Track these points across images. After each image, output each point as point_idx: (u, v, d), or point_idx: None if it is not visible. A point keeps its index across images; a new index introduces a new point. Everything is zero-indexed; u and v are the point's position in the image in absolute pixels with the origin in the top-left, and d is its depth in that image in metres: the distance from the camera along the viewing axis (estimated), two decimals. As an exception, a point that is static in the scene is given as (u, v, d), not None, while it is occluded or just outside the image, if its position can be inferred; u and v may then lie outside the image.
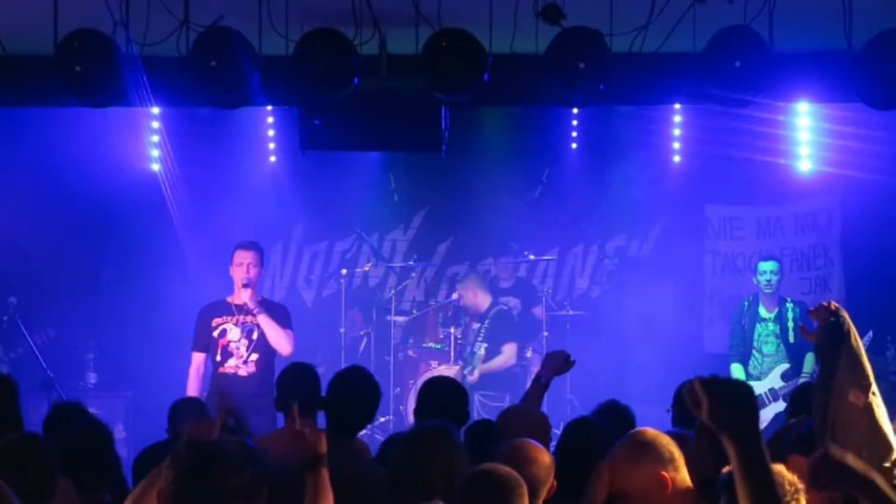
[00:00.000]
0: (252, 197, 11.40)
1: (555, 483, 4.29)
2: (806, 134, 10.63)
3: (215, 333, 8.20)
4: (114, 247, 11.05)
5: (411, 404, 8.72)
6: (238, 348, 8.17)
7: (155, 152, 10.81)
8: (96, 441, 4.81)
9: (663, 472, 3.88)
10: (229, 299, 8.29)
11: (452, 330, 10.87)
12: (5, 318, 9.60)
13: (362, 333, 11.41)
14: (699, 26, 6.86)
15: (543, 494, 4.19)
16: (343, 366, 10.62)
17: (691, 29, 6.88)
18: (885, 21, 6.92)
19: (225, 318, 8.23)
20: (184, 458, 3.38)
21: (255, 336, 8.17)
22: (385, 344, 11.17)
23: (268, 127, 11.36)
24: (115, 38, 6.92)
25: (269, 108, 10.73)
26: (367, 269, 11.94)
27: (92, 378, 10.45)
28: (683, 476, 3.95)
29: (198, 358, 8.23)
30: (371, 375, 5.42)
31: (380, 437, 9.65)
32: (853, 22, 6.82)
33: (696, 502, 3.96)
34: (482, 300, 10.88)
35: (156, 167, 10.78)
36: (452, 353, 10.79)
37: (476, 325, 10.82)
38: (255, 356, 8.15)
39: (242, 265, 8.24)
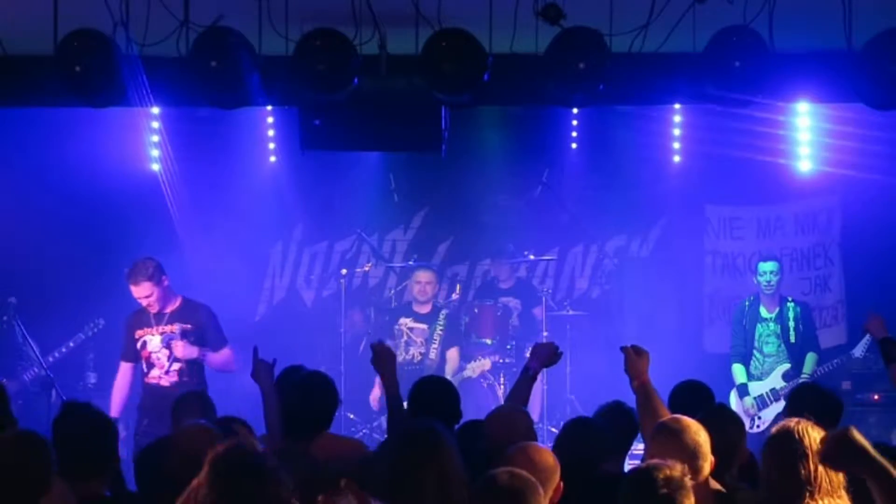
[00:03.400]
0: (252, 197, 11.41)
1: (561, 485, 4.27)
2: (806, 134, 10.63)
3: (138, 345, 8.14)
4: (113, 247, 11.03)
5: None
6: (159, 358, 8.10)
7: (155, 152, 10.81)
8: (94, 432, 4.80)
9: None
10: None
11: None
12: (5, 318, 9.60)
13: (362, 333, 11.41)
14: (699, 26, 6.86)
15: (549, 495, 4.18)
16: (342, 366, 10.72)
17: (691, 29, 6.87)
18: (885, 21, 6.92)
19: (145, 328, 8.13)
20: (224, 470, 3.37)
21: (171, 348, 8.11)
22: (385, 344, 11.15)
23: (268, 127, 11.36)
24: (115, 38, 6.92)
25: (269, 108, 10.74)
26: (367, 269, 11.94)
27: (92, 378, 10.44)
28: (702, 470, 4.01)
29: (123, 367, 8.24)
30: (329, 381, 5.41)
31: (378, 437, 9.66)
32: (853, 22, 6.81)
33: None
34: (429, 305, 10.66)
35: (156, 167, 10.79)
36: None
37: (423, 326, 10.62)
38: (177, 365, 8.10)
39: (141, 299, 8.09)
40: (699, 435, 4.19)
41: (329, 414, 5.44)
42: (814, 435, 3.90)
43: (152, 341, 8.08)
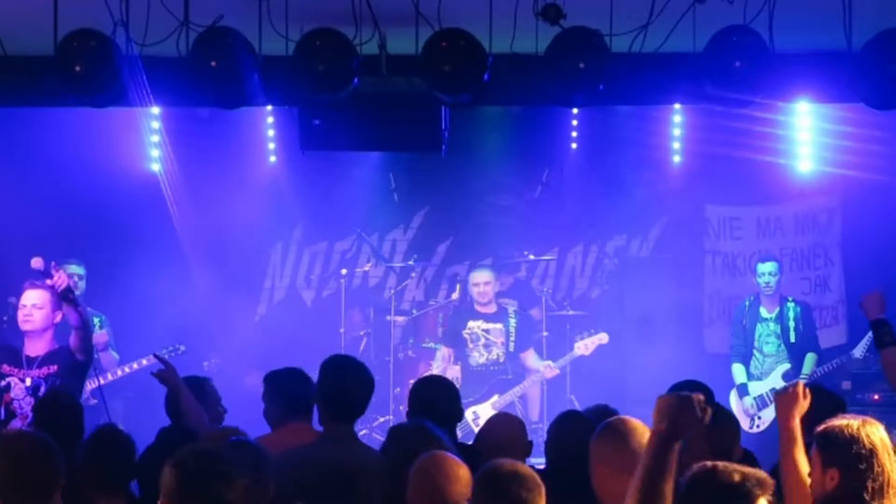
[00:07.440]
0: (252, 197, 11.41)
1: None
2: (806, 134, 10.63)
3: (1, 383, 6.97)
4: (113, 247, 11.04)
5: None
6: (21, 407, 6.84)
7: (155, 152, 10.82)
8: (125, 451, 4.91)
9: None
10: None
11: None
12: (5, 318, 9.59)
13: (362, 333, 11.42)
14: (699, 26, 6.86)
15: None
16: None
17: (691, 29, 6.87)
18: (885, 21, 6.92)
19: (13, 368, 6.98)
20: (187, 466, 3.39)
21: (41, 395, 6.81)
22: (385, 344, 11.17)
23: (268, 127, 11.36)
24: (115, 38, 6.92)
25: (269, 108, 10.74)
26: (367, 269, 11.95)
27: (92, 378, 10.42)
28: None
29: None
30: (365, 366, 5.40)
31: (379, 437, 9.66)
32: (853, 22, 6.81)
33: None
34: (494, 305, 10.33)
35: (156, 167, 10.79)
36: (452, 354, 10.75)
37: (499, 326, 10.24)
38: None
39: (24, 307, 7.10)
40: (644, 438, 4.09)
41: (369, 397, 5.30)
42: (875, 432, 3.85)
43: (16, 386, 6.92)
